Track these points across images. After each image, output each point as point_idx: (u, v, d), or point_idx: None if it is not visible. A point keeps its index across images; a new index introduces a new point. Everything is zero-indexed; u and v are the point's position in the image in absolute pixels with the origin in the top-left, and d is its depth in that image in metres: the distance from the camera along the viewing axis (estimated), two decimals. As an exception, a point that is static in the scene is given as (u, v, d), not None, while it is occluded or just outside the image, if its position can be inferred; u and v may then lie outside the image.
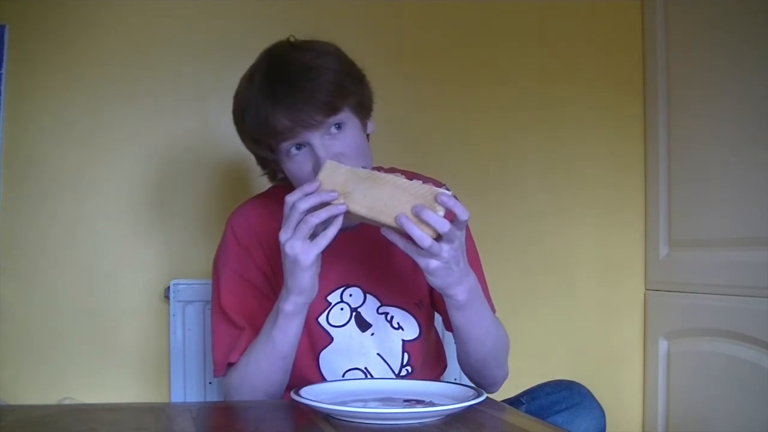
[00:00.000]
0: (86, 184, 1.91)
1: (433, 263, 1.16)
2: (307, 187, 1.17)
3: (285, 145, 1.28)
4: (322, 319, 1.39)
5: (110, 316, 1.91)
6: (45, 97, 1.89)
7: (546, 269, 2.18)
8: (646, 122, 2.24)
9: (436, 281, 1.20)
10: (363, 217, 1.16)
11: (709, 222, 2.00)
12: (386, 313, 1.42)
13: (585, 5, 2.21)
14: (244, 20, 2.00)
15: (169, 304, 1.87)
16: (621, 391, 2.19)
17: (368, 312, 1.41)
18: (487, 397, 1.14)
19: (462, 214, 1.14)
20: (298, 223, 1.16)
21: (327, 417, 1.10)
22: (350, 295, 1.40)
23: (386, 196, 1.14)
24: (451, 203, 1.12)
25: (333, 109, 1.27)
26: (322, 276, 1.25)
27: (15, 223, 1.87)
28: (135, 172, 1.94)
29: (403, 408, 1.13)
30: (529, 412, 1.36)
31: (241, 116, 1.32)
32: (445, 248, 1.14)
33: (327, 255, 1.22)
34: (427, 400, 1.16)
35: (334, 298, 1.40)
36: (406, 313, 1.42)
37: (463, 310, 1.26)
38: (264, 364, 1.28)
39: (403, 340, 1.42)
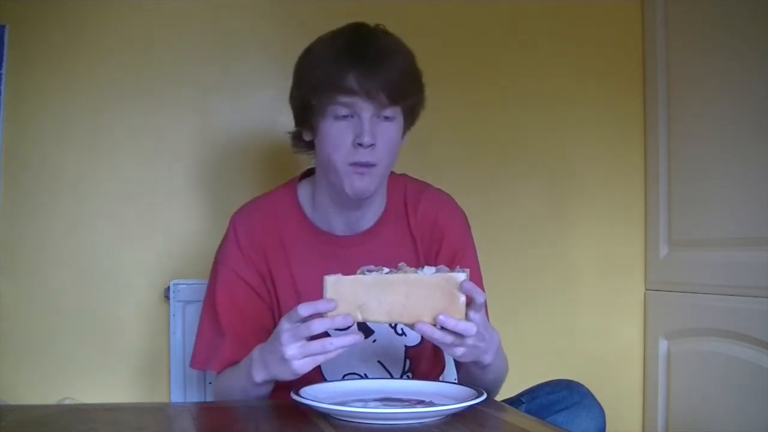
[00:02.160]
0: (86, 184, 1.91)
1: (459, 350, 1.15)
2: (321, 306, 1.11)
3: (336, 108, 1.30)
4: None
5: (110, 316, 1.91)
6: (45, 97, 1.89)
7: (546, 269, 2.18)
8: (646, 122, 2.24)
9: (465, 359, 1.19)
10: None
11: (709, 222, 2.00)
12: None
13: (585, 5, 2.21)
14: (244, 20, 2.00)
15: (169, 304, 1.87)
16: (621, 391, 2.19)
17: None
18: (486, 397, 1.14)
19: (479, 297, 1.11)
20: (307, 338, 1.12)
21: (327, 417, 1.10)
22: None
23: (402, 297, 1.10)
24: (469, 288, 1.09)
25: (396, 97, 1.30)
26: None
27: (15, 223, 1.87)
28: (135, 171, 1.94)
29: (403, 408, 1.13)
30: (529, 411, 1.36)
31: (311, 64, 1.34)
32: (468, 341, 1.13)
33: (334, 258, 1.25)
34: (427, 400, 1.17)
35: None
36: None
37: (485, 368, 1.25)
38: (241, 396, 1.29)
39: (405, 346, 1.43)
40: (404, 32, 2.15)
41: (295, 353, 1.12)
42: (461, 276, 1.08)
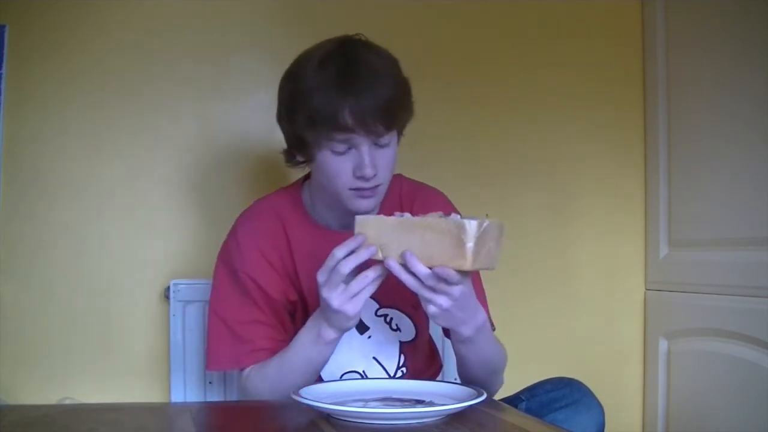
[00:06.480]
0: (86, 183, 1.91)
1: (431, 308, 1.17)
2: (353, 243, 1.17)
3: (333, 144, 1.28)
4: None
5: (110, 316, 1.91)
6: (45, 97, 1.89)
7: (546, 268, 2.18)
8: (646, 121, 2.24)
9: (439, 322, 1.22)
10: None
11: (709, 222, 2.00)
12: (385, 315, 1.43)
13: (585, 5, 2.21)
14: (244, 20, 2.00)
15: (169, 304, 1.87)
16: (621, 391, 2.19)
17: (366, 314, 1.41)
18: (486, 397, 1.14)
19: (452, 277, 1.13)
20: (345, 281, 1.18)
21: (327, 417, 1.10)
22: None
23: (417, 240, 1.13)
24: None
25: (391, 125, 1.29)
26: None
27: (15, 223, 1.87)
28: (134, 171, 1.94)
29: (403, 408, 1.13)
30: (528, 408, 1.36)
31: (302, 97, 1.29)
32: (441, 299, 1.15)
33: (326, 254, 1.23)
34: (427, 400, 1.17)
35: None
36: (403, 315, 1.43)
37: (467, 344, 1.27)
38: (296, 376, 1.28)
39: (400, 342, 1.43)
40: (402, 31, 2.17)
41: (342, 300, 1.18)
42: (471, 223, 1.10)
